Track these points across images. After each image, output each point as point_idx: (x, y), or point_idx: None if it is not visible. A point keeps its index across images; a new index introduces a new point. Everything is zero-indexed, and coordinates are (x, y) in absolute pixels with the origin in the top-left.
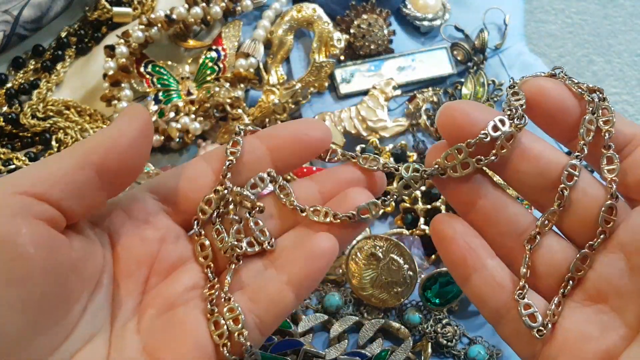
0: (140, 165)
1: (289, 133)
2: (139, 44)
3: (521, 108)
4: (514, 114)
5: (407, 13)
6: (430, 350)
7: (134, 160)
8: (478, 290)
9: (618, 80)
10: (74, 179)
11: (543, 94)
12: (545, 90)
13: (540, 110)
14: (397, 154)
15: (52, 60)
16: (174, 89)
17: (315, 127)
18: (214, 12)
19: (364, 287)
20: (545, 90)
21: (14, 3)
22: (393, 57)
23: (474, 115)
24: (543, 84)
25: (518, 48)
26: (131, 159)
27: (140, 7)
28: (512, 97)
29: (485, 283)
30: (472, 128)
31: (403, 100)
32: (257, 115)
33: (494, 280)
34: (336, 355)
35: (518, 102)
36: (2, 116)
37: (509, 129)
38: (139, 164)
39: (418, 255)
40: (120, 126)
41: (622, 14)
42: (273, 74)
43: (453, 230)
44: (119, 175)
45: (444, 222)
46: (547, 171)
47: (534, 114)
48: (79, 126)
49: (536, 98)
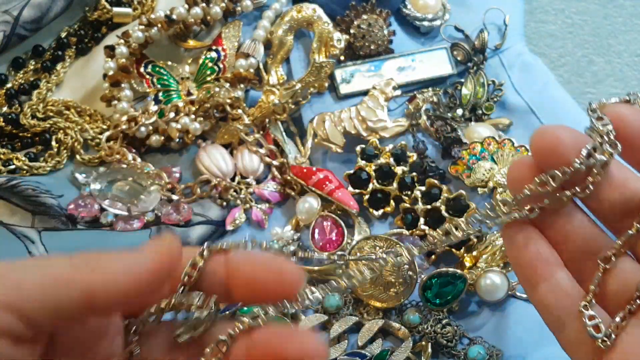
0: (146, 303)
1: (260, 267)
2: (139, 44)
3: (613, 134)
4: (606, 140)
5: (407, 13)
6: (430, 350)
7: (138, 299)
8: (544, 297)
9: (618, 81)
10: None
11: (624, 123)
12: (626, 118)
13: (622, 140)
14: (397, 154)
15: (52, 61)
16: (174, 89)
17: (290, 271)
18: (214, 13)
19: (364, 287)
20: (626, 118)
21: (14, 3)
22: (393, 57)
23: (568, 141)
24: (624, 111)
25: (518, 48)
26: (135, 298)
27: (140, 8)
28: (598, 122)
29: (552, 292)
30: (567, 154)
31: (403, 101)
32: (257, 115)
33: (561, 290)
34: (336, 355)
35: (606, 127)
36: (2, 116)
37: (603, 156)
38: (145, 302)
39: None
40: (136, 260)
41: (622, 14)
42: (273, 74)
43: (525, 237)
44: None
45: (517, 228)
46: (631, 199)
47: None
48: (79, 126)
49: (616, 126)
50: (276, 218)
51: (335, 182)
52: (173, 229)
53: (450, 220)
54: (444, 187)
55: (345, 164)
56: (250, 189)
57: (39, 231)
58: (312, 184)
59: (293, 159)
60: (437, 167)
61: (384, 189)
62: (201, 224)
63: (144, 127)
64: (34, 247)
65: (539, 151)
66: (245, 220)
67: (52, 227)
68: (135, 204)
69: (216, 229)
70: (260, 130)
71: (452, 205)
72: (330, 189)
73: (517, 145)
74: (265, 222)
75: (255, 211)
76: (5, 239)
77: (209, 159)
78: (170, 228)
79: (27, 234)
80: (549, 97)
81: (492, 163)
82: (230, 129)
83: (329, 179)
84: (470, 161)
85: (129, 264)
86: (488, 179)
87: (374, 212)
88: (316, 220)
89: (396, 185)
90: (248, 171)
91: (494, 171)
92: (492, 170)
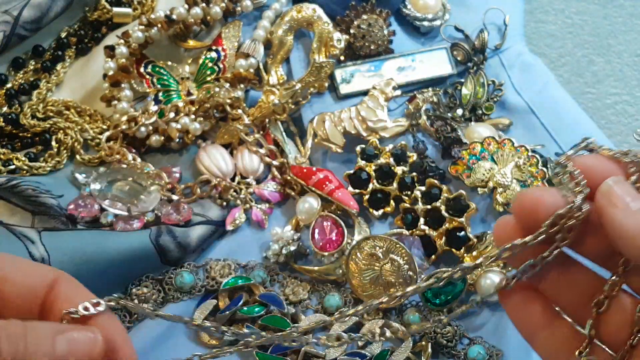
0: None
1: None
2: (139, 44)
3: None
4: (578, 190)
5: (407, 13)
6: (430, 350)
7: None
8: (543, 346)
9: (618, 81)
10: None
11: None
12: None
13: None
14: (397, 155)
15: (52, 61)
16: (174, 89)
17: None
18: (213, 13)
19: (364, 287)
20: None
21: (14, 3)
22: (393, 57)
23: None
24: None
25: (518, 48)
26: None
27: (140, 8)
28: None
29: (550, 340)
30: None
31: (403, 101)
32: (257, 115)
33: (560, 338)
34: (336, 355)
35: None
36: (2, 116)
37: (584, 204)
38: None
39: (418, 256)
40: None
41: (622, 14)
42: (273, 74)
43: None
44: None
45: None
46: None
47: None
48: (79, 126)
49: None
50: (276, 218)
51: (335, 182)
52: (173, 229)
53: (450, 220)
54: (444, 187)
55: (345, 164)
56: (250, 189)
57: (39, 231)
58: (312, 184)
59: (293, 159)
60: (437, 167)
61: (383, 189)
62: (201, 224)
63: (144, 127)
64: (34, 247)
65: (520, 214)
66: (245, 220)
67: (52, 227)
68: (135, 204)
69: (216, 229)
70: (260, 130)
71: (452, 205)
72: (330, 189)
73: (517, 145)
74: (265, 222)
75: (255, 211)
76: (5, 239)
77: (209, 159)
78: (170, 228)
79: (27, 234)
80: (549, 97)
81: (492, 163)
82: (230, 129)
83: (329, 179)
84: (470, 161)
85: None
86: (488, 179)
87: (374, 212)
88: (316, 220)
89: (396, 185)
90: (248, 171)
91: (494, 171)
92: (492, 170)
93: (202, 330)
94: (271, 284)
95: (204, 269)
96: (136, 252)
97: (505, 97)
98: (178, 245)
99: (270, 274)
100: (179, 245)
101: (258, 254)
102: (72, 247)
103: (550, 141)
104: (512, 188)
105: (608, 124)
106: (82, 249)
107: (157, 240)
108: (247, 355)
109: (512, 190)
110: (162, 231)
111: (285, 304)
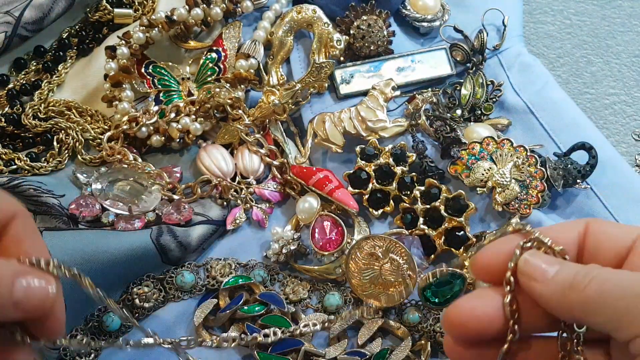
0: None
1: None
2: (139, 44)
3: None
4: (510, 280)
5: (406, 14)
6: (429, 349)
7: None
8: None
9: (616, 81)
10: None
11: (484, 266)
12: (482, 261)
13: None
14: (396, 155)
15: (53, 61)
16: (175, 90)
17: None
18: (214, 13)
19: (363, 286)
20: (481, 261)
21: (16, 4)
22: (392, 57)
23: (477, 309)
24: (481, 257)
25: (517, 49)
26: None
27: (141, 8)
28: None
29: None
30: (480, 320)
31: (402, 101)
32: (258, 115)
33: None
34: (336, 354)
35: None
36: (4, 117)
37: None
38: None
39: (417, 255)
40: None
41: (621, 15)
42: (273, 74)
43: None
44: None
45: None
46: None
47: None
48: (80, 127)
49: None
50: (276, 218)
51: (335, 182)
52: (174, 229)
53: (449, 219)
54: (443, 187)
55: (345, 164)
56: (251, 188)
57: (41, 231)
58: (312, 183)
59: (293, 159)
60: (437, 167)
61: (383, 188)
62: (202, 223)
63: (145, 128)
64: None
65: (452, 332)
66: (246, 220)
67: (53, 226)
68: (136, 204)
69: (217, 228)
70: (261, 131)
71: (451, 204)
72: (330, 189)
73: (516, 145)
74: (266, 221)
75: (255, 211)
76: None
77: (209, 159)
78: (171, 227)
79: None
80: (547, 98)
81: (491, 163)
82: (231, 129)
83: (329, 178)
84: (470, 161)
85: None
86: (487, 179)
87: (374, 211)
88: (316, 220)
89: (395, 185)
90: (248, 171)
91: (493, 171)
92: (491, 170)
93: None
94: (271, 283)
95: (205, 268)
96: (137, 252)
97: (504, 98)
98: (179, 244)
99: (271, 273)
100: (179, 244)
101: (258, 253)
102: (73, 246)
103: (549, 141)
104: (511, 188)
105: (606, 124)
106: (84, 248)
107: (158, 240)
108: (248, 354)
109: (511, 190)
110: (163, 231)
111: (285, 303)
